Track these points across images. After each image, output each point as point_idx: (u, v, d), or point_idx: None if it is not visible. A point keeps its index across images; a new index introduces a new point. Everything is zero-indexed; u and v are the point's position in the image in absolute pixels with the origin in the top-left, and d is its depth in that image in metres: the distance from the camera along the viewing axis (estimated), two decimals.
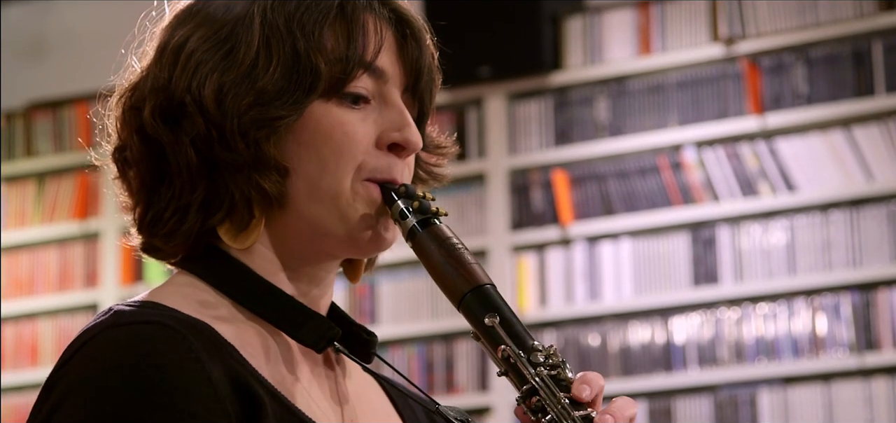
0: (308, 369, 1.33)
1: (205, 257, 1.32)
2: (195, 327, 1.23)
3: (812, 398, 4.81)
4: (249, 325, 1.30)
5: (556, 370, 1.27)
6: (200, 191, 1.29)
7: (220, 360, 1.22)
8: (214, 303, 1.30)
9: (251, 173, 1.28)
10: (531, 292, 5.19)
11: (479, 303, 1.29)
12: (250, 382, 1.23)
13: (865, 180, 4.86)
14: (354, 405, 1.36)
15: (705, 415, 4.92)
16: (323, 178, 1.30)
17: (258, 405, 1.22)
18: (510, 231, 5.24)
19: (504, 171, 5.28)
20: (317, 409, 1.29)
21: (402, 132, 1.33)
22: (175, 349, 1.19)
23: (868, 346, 4.78)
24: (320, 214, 1.30)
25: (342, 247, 1.34)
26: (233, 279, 1.31)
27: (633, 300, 5.07)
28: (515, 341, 1.28)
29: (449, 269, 1.31)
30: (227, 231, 1.30)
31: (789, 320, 4.87)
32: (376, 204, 1.32)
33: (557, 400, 1.25)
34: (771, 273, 4.91)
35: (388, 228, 1.33)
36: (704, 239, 5.02)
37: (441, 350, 5.25)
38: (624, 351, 5.05)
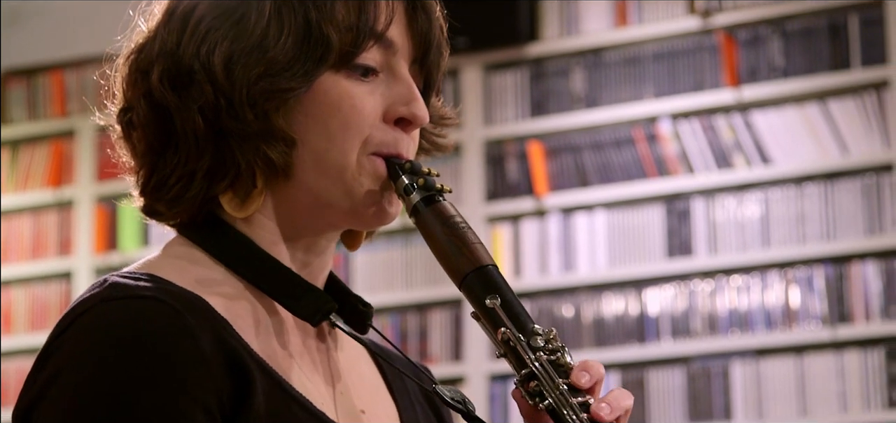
0: (300, 341, 1.33)
1: (205, 224, 1.32)
2: (189, 301, 1.23)
3: (784, 370, 4.83)
4: (244, 297, 1.30)
5: (556, 354, 1.26)
6: (206, 158, 1.28)
7: (214, 335, 1.22)
8: (210, 274, 1.30)
9: (259, 143, 1.28)
10: (506, 262, 5.19)
11: (480, 284, 1.29)
12: (243, 357, 1.23)
13: (840, 154, 4.87)
14: (345, 378, 1.36)
15: (678, 386, 4.94)
16: (329, 150, 1.29)
17: (249, 380, 1.22)
18: (485, 202, 5.25)
19: (479, 141, 5.28)
20: (308, 383, 1.29)
21: (409, 106, 1.33)
22: (168, 325, 1.19)
23: (841, 319, 4.80)
24: (325, 186, 1.30)
25: (345, 219, 1.34)
26: (231, 249, 1.31)
27: (608, 272, 5.08)
28: (516, 324, 1.27)
29: (452, 248, 1.31)
30: (230, 200, 1.30)
31: (763, 293, 4.89)
32: (382, 179, 1.32)
33: (556, 386, 1.24)
34: (745, 246, 4.93)
35: (392, 202, 1.33)
36: (679, 211, 5.03)
37: (415, 320, 5.25)
38: (597, 322, 5.06)
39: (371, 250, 5.27)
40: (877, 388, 4.72)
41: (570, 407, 1.24)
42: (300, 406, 1.25)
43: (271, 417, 1.22)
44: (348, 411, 1.33)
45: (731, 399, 4.86)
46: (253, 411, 1.21)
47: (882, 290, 4.77)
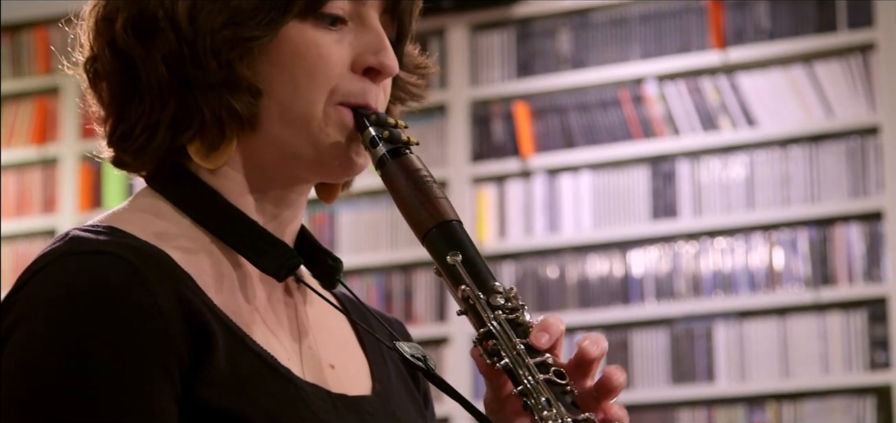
0: (266, 297, 1.30)
1: (172, 175, 1.30)
2: (149, 255, 1.21)
3: (768, 331, 4.85)
4: (209, 251, 1.28)
5: (515, 314, 1.25)
6: (171, 108, 1.26)
7: (174, 291, 1.20)
8: (174, 228, 1.28)
9: (223, 93, 1.26)
10: (491, 223, 5.20)
11: (443, 239, 1.27)
12: (204, 313, 1.21)
13: (825, 116, 4.88)
14: (314, 334, 1.34)
15: (661, 348, 4.95)
16: (295, 100, 1.27)
17: (209, 337, 1.20)
18: (470, 162, 5.24)
19: (465, 102, 5.28)
20: (273, 339, 1.27)
21: (378, 56, 1.30)
22: (126, 282, 1.17)
23: (824, 281, 4.82)
24: (291, 137, 1.28)
25: (312, 171, 1.32)
26: (197, 201, 1.29)
27: (592, 233, 5.08)
28: (476, 281, 1.26)
29: (416, 202, 1.29)
30: (197, 151, 1.28)
31: (746, 255, 4.90)
32: (348, 130, 1.30)
33: (513, 346, 1.23)
34: (729, 208, 4.94)
35: (359, 153, 1.31)
36: (664, 173, 5.03)
37: (400, 281, 5.26)
38: (582, 283, 5.07)
39: (356, 210, 5.27)
40: (859, 350, 4.74)
41: (525, 368, 1.22)
42: (263, 363, 1.23)
43: (233, 374, 1.20)
44: (316, 366, 1.31)
45: (715, 361, 4.88)
46: (214, 368, 1.19)
47: (865, 252, 4.79)
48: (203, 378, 1.18)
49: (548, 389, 1.22)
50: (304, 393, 1.24)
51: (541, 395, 1.21)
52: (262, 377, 1.22)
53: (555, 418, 1.20)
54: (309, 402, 1.24)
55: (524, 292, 5.12)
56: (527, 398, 1.22)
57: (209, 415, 1.18)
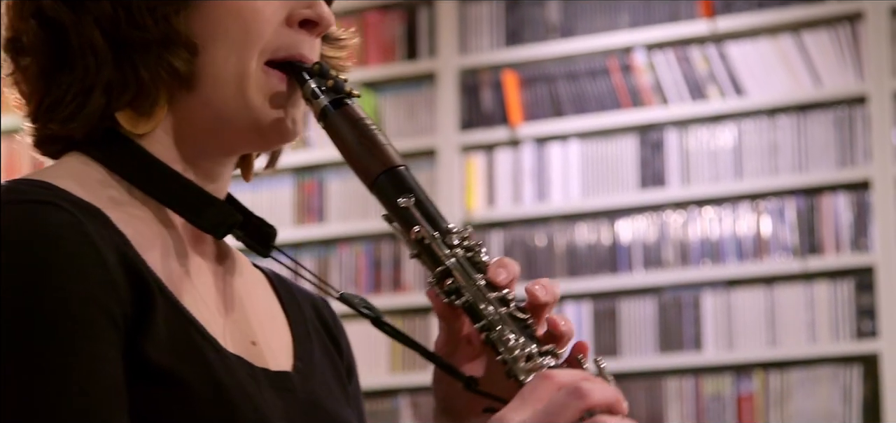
0: (197, 263, 1.28)
1: (103, 140, 1.26)
2: (89, 210, 1.18)
3: (755, 300, 4.86)
4: (142, 213, 1.25)
5: (472, 252, 1.24)
6: (105, 73, 1.24)
7: (114, 246, 1.17)
8: (108, 190, 1.25)
9: (161, 51, 1.23)
10: (479, 192, 5.20)
11: (392, 184, 1.26)
12: (144, 273, 1.18)
13: (813, 86, 4.89)
14: (239, 306, 1.31)
15: (649, 316, 4.97)
16: (229, 58, 1.26)
17: (150, 299, 1.18)
18: (459, 131, 5.25)
19: (454, 70, 5.28)
20: (203, 306, 1.25)
21: (313, 7, 1.28)
22: (71, 231, 1.14)
23: (811, 250, 4.83)
24: (225, 99, 1.26)
25: (245, 137, 1.29)
26: (130, 161, 1.26)
27: (581, 202, 5.09)
28: (430, 222, 1.25)
29: (362, 150, 1.27)
30: (128, 117, 1.25)
31: (734, 224, 4.92)
32: (282, 91, 1.28)
33: (473, 282, 1.23)
34: (717, 177, 4.95)
35: (295, 120, 1.30)
36: (652, 142, 5.04)
37: (389, 249, 5.26)
38: (570, 252, 5.08)
39: (345, 178, 5.27)
40: (845, 319, 4.76)
41: (487, 302, 1.22)
42: (197, 331, 1.21)
43: (171, 340, 1.18)
44: (238, 340, 1.28)
45: (702, 329, 4.90)
46: (153, 331, 1.17)
47: (852, 222, 4.80)
48: (145, 335, 1.16)
49: (511, 321, 1.22)
50: (231, 364, 1.22)
51: (505, 328, 1.21)
52: (194, 343, 1.20)
53: (521, 347, 1.20)
54: (236, 373, 1.22)
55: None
56: (489, 332, 1.21)
57: (151, 373, 1.16)
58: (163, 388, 1.16)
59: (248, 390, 1.22)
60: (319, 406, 1.31)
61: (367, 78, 5.37)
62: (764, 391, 4.82)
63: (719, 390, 4.86)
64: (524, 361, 1.20)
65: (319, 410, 1.31)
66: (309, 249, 5.33)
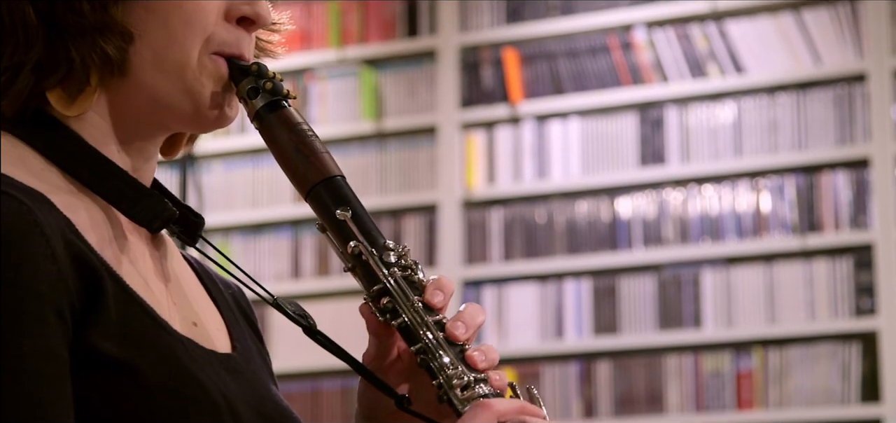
0: (136, 246, 1.27)
1: (33, 122, 1.23)
2: (37, 197, 1.16)
3: (754, 278, 4.88)
4: (81, 199, 1.23)
5: (408, 271, 1.24)
6: (36, 51, 1.21)
7: (62, 235, 1.15)
8: (42, 171, 1.22)
9: (94, 37, 1.21)
10: (480, 169, 5.21)
11: (329, 195, 1.25)
12: (91, 259, 1.17)
13: (813, 64, 4.89)
14: (178, 284, 1.30)
15: (649, 294, 4.98)
16: (170, 48, 1.24)
17: (99, 284, 1.16)
18: (460, 108, 5.25)
19: (455, 48, 5.28)
20: (148, 291, 1.24)
21: (252, 5, 1.27)
22: (20, 222, 1.12)
23: (810, 228, 4.85)
24: (164, 85, 1.24)
25: (184, 122, 1.28)
26: (64, 148, 1.23)
27: (581, 179, 5.10)
28: (367, 238, 1.24)
29: (299, 157, 1.25)
30: (59, 98, 1.23)
31: (734, 201, 4.93)
32: (223, 80, 1.26)
33: (411, 304, 1.22)
34: (717, 154, 4.96)
35: (232, 105, 1.28)
36: (652, 119, 5.05)
37: (389, 226, 5.24)
38: (570, 229, 5.09)
39: (344, 154, 5.28)
40: (844, 296, 4.78)
41: (425, 326, 1.22)
42: (146, 313, 1.20)
43: (123, 325, 1.16)
44: (182, 322, 1.26)
45: (701, 307, 4.91)
46: (104, 318, 1.15)
47: (852, 200, 4.81)
48: (94, 325, 1.15)
49: (447, 347, 1.21)
50: (184, 347, 1.21)
51: (442, 353, 1.21)
52: (146, 328, 1.19)
53: (459, 376, 1.20)
54: (190, 354, 1.21)
55: (513, 238, 5.15)
56: (426, 356, 1.21)
57: (100, 363, 1.15)
58: (116, 376, 1.15)
59: (207, 371, 1.21)
60: (262, 388, 1.30)
61: (368, 55, 5.38)
62: (763, 369, 4.84)
63: (718, 367, 4.88)
64: (461, 390, 1.20)
65: (263, 391, 1.30)
66: (309, 225, 5.33)
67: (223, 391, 1.21)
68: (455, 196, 5.17)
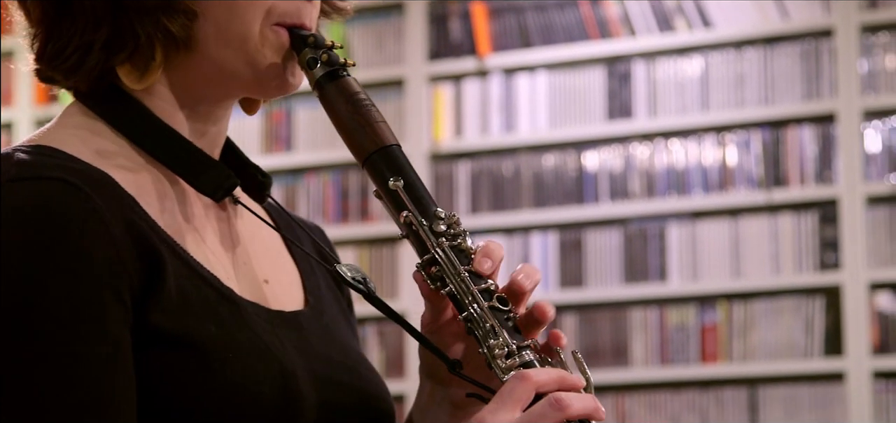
0: (202, 213, 1.32)
1: (105, 95, 1.29)
2: (97, 179, 1.21)
3: (719, 232, 4.90)
4: (146, 170, 1.28)
5: (458, 240, 1.26)
6: (104, 30, 1.26)
7: (122, 215, 1.19)
8: (112, 147, 1.28)
9: (159, 16, 1.26)
10: (447, 122, 5.21)
11: (384, 164, 1.29)
12: (151, 238, 1.21)
13: (780, 18, 4.90)
14: (247, 248, 1.35)
15: (615, 247, 5.00)
16: (232, 22, 1.27)
17: (159, 262, 1.20)
18: (427, 61, 5.24)
19: (423, 0, 5.26)
20: (211, 256, 1.29)
21: None
22: (78, 209, 1.16)
23: (776, 182, 4.87)
24: (228, 58, 1.28)
25: (248, 90, 1.32)
26: (132, 121, 1.29)
27: (548, 133, 5.11)
28: (418, 206, 1.27)
29: (355, 126, 1.29)
30: (128, 73, 1.28)
31: (700, 156, 4.94)
32: (284, 49, 1.30)
33: (457, 273, 1.25)
34: (684, 109, 4.97)
35: (295, 73, 1.32)
36: (620, 73, 5.05)
37: (357, 178, 5.27)
38: (537, 183, 5.10)
39: (313, 107, 5.26)
40: (809, 251, 4.81)
41: (470, 295, 1.24)
42: (208, 284, 1.24)
43: (181, 296, 1.21)
44: (252, 282, 1.32)
45: (667, 260, 4.94)
46: (164, 293, 1.20)
47: (818, 154, 4.84)
48: (154, 303, 1.19)
49: (492, 316, 1.24)
50: (246, 313, 1.25)
51: (486, 322, 1.23)
52: (207, 299, 1.23)
53: (501, 346, 1.22)
54: (250, 322, 1.25)
55: (480, 191, 5.15)
56: (472, 325, 1.24)
57: (160, 340, 1.19)
58: (174, 351, 1.19)
59: (266, 340, 1.25)
60: (334, 341, 1.35)
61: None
62: (727, 322, 4.87)
63: (683, 320, 4.91)
64: (504, 358, 1.22)
65: (334, 344, 1.34)
66: (276, 178, 5.32)
67: (283, 353, 1.25)
68: (422, 149, 5.17)
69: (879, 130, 4.79)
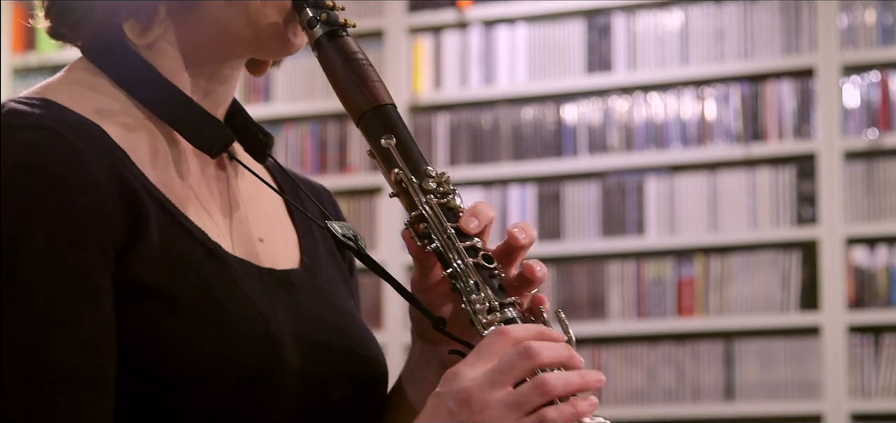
0: (199, 171, 1.33)
1: (109, 49, 1.31)
2: (87, 131, 1.22)
3: (697, 186, 4.91)
4: (144, 126, 1.29)
5: (447, 198, 1.28)
6: None
7: (110, 167, 1.21)
8: (110, 102, 1.29)
9: None
10: (426, 74, 5.20)
11: (377, 122, 1.30)
12: (138, 191, 1.22)
13: None
14: (244, 207, 1.36)
15: (593, 200, 5.01)
16: None
17: (143, 214, 1.21)
18: (407, 13, 5.23)
19: None
20: (205, 215, 1.30)
21: None
22: (64, 158, 1.18)
23: (754, 136, 4.88)
24: (230, 17, 1.30)
25: (249, 50, 1.34)
26: (133, 74, 1.30)
27: (527, 85, 5.10)
28: (409, 165, 1.28)
29: (351, 84, 1.31)
30: (132, 28, 1.29)
31: (679, 109, 4.95)
32: (286, 9, 1.32)
33: (444, 230, 1.26)
34: (664, 62, 4.97)
35: (296, 33, 1.33)
36: (600, 26, 5.05)
37: (335, 130, 5.26)
38: (516, 135, 5.10)
39: (292, 58, 5.23)
40: (786, 205, 4.82)
41: (455, 251, 1.25)
42: (194, 239, 1.25)
43: (165, 252, 1.22)
44: (245, 240, 1.33)
45: (645, 214, 4.95)
46: (147, 245, 1.21)
47: (796, 109, 4.85)
48: (136, 255, 1.20)
49: (476, 272, 1.24)
50: (233, 269, 1.26)
51: (469, 278, 1.24)
52: (192, 254, 1.24)
53: (482, 301, 1.23)
54: (237, 278, 1.26)
55: (458, 144, 5.15)
56: (456, 281, 1.24)
57: (141, 292, 1.20)
58: (155, 303, 1.20)
59: (252, 297, 1.25)
60: (326, 302, 1.35)
61: None
62: (704, 276, 4.89)
63: (660, 274, 4.92)
64: (485, 313, 1.23)
65: (326, 306, 1.35)
66: None
67: (268, 311, 1.26)
68: (401, 101, 5.16)
69: (858, 85, 4.80)
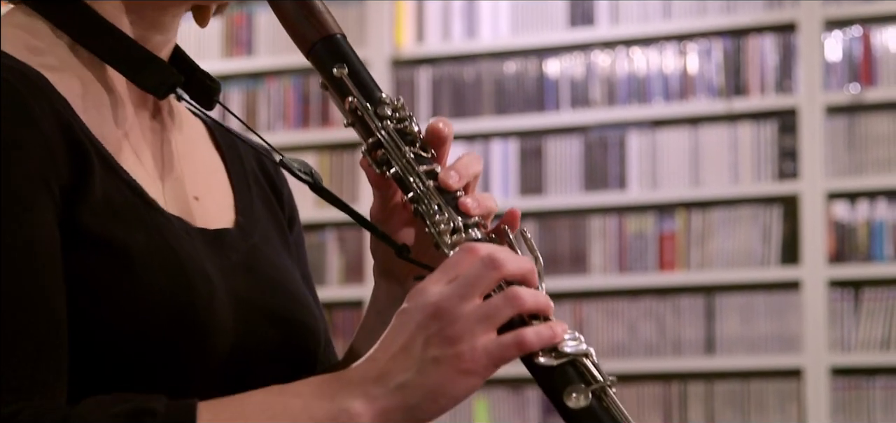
0: (136, 123, 1.29)
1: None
2: (28, 76, 1.19)
3: (679, 140, 4.92)
4: (83, 72, 1.26)
5: (403, 123, 1.26)
6: None
7: (53, 113, 1.18)
8: (48, 45, 1.26)
9: None
10: (409, 28, 5.19)
11: (328, 53, 1.28)
12: (81, 139, 1.19)
13: None
14: (180, 163, 1.33)
15: (575, 155, 5.01)
16: None
17: (87, 163, 1.19)
18: None
19: None
20: (140, 168, 1.27)
21: None
22: (7, 103, 1.15)
23: (736, 91, 4.89)
24: None
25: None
26: (73, 17, 1.26)
27: (510, 39, 5.10)
28: (363, 92, 1.27)
29: (299, 17, 1.29)
30: None
31: (661, 64, 4.95)
32: None
33: (402, 154, 1.24)
34: (646, 16, 4.97)
35: None
36: None
37: (317, 84, 5.24)
38: (498, 89, 5.10)
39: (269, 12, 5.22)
40: (767, 159, 4.83)
41: (415, 175, 1.23)
42: (133, 191, 1.23)
43: (106, 202, 1.19)
44: (179, 197, 1.30)
45: (627, 168, 4.96)
46: (92, 194, 1.18)
47: (778, 64, 4.85)
48: (82, 203, 1.18)
49: (438, 194, 1.23)
50: (170, 226, 1.24)
51: (432, 200, 1.23)
52: (133, 206, 1.22)
53: (447, 222, 1.21)
54: (172, 235, 1.23)
55: (440, 97, 5.15)
56: (418, 205, 1.23)
57: (88, 241, 1.18)
58: (100, 253, 1.18)
59: (185, 255, 1.23)
60: (259, 261, 1.33)
61: None
62: (686, 230, 4.90)
63: (642, 228, 4.94)
64: (450, 234, 1.21)
65: (259, 265, 1.32)
66: (237, 82, 5.30)
67: (203, 268, 1.23)
68: (384, 54, 5.15)
69: (840, 39, 4.80)
